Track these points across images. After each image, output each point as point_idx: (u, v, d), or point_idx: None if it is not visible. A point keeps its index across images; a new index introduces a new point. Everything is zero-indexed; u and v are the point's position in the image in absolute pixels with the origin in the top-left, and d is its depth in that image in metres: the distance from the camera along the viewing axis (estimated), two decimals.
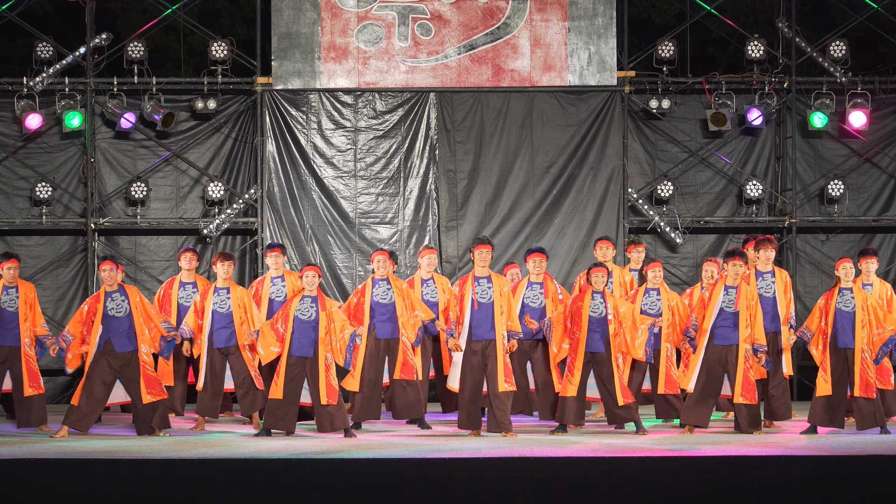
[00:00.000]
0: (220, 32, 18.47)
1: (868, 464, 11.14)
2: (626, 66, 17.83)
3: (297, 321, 13.20)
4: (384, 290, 14.15)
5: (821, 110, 17.84)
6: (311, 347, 13.19)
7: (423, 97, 17.73)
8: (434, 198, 17.71)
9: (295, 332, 13.20)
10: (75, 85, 17.65)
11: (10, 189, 17.86)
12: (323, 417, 13.20)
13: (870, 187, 18.34)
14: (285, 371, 13.19)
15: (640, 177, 18.12)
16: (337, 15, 17.61)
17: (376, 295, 14.12)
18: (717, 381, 13.51)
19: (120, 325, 13.36)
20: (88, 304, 13.53)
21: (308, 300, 13.29)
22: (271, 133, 17.63)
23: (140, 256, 17.76)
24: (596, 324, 13.53)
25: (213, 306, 14.12)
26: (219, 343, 14.09)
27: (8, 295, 13.97)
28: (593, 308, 13.55)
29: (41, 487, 10.56)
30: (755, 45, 17.89)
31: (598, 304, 13.57)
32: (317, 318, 13.21)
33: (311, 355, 13.18)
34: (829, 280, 18.13)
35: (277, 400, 13.20)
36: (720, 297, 13.49)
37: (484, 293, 13.38)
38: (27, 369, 13.88)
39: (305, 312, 13.23)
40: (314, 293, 13.32)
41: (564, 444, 12.54)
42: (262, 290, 14.63)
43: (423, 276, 14.89)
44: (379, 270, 14.21)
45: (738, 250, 13.67)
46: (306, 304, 13.27)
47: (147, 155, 17.96)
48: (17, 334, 13.94)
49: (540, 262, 14.37)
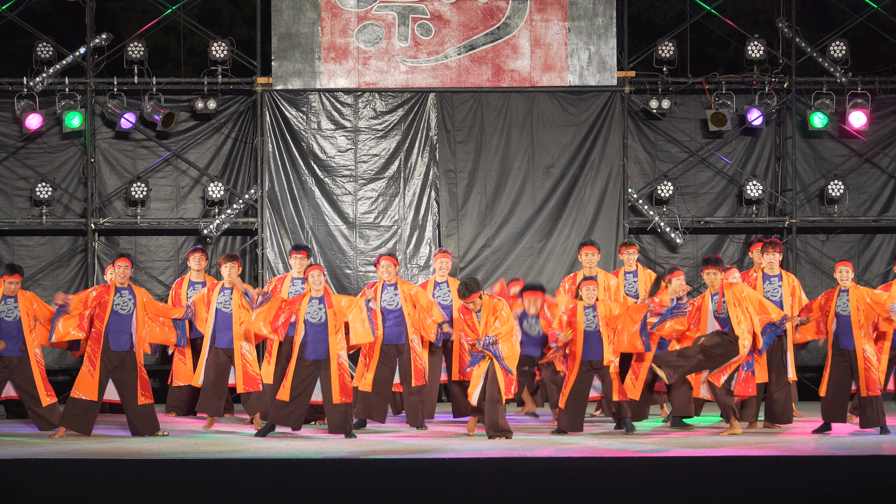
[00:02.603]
0: (220, 32, 18.47)
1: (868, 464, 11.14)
2: (626, 66, 17.83)
3: (309, 325, 13.17)
4: (391, 296, 14.14)
5: (821, 110, 17.83)
6: (325, 349, 13.17)
7: (423, 97, 17.73)
8: (434, 198, 17.71)
9: (308, 336, 13.17)
10: (75, 85, 17.65)
11: (10, 189, 17.85)
12: (335, 416, 13.17)
13: (870, 187, 18.33)
14: (294, 374, 13.15)
15: (640, 177, 18.12)
16: (337, 15, 17.61)
17: (384, 301, 14.10)
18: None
19: (122, 323, 13.36)
20: (98, 291, 13.48)
21: (316, 302, 13.24)
22: (271, 133, 17.62)
23: (140, 256, 17.75)
24: (591, 336, 13.62)
25: (218, 305, 14.13)
26: (221, 343, 14.09)
27: (6, 305, 13.87)
28: (587, 323, 13.67)
29: (41, 487, 10.56)
30: (755, 45, 17.88)
31: (591, 319, 13.66)
32: (327, 320, 13.19)
33: (324, 357, 13.17)
34: (829, 280, 18.11)
35: (283, 401, 13.19)
36: (708, 307, 13.61)
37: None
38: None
39: (315, 315, 13.21)
40: (321, 293, 13.28)
41: (564, 444, 12.55)
42: (282, 288, 14.60)
43: (438, 279, 14.87)
44: (385, 275, 14.17)
45: (712, 258, 13.81)
46: (315, 306, 13.23)
47: (147, 155, 17.95)
48: (19, 344, 13.87)
49: (536, 300, 14.29)
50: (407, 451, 11.99)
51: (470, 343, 13.53)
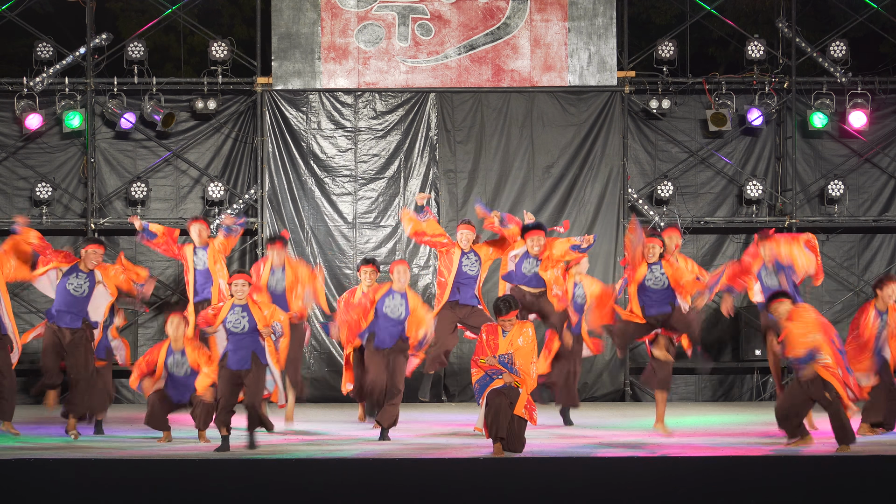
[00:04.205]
0: (220, 32, 18.47)
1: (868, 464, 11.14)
2: (626, 66, 17.84)
3: (231, 334, 12.15)
4: (397, 303, 13.01)
5: (821, 110, 17.84)
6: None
7: (423, 97, 17.74)
8: (434, 198, 17.72)
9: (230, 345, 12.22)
10: (75, 85, 17.66)
11: (10, 189, 17.87)
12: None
13: (870, 187, 18.34)
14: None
15: (640, 177, 18.13)
16: (337, 15, 17.62)
17: (387, 307, 12.95)
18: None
19: (76, 303, 13.04)
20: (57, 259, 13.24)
21: (238, 309, 12.13)
22: (271, 133, 17.63)
23: (140, 256, 17.75)
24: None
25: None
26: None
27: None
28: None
29: (41, 487, 10.56)
30: (755, 45, 17.89)
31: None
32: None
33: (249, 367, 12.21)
34: (828, 280, 18.14)
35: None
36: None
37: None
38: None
39: (238, 325, 12.11)
40: (244, 301, 12.15)
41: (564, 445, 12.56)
42: (261, 275, 14.02)
43: (464, 248, 13.75)
44: (398, 282, 13.06)
45: (781, 292, 12.67)
46: (237, 314, 12.12)
47: (147, 155, 17.97)
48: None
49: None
50: (407, 452, 11.99)
51: (481, 363, 12.04)
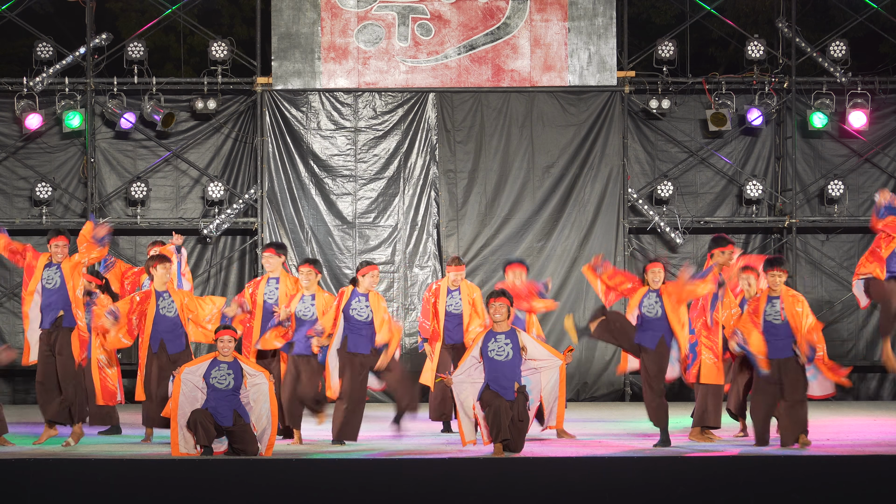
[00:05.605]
0: (220, 32, 18.48)
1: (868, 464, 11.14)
2: (626, 66, 17.84)
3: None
4: (362, 306, 12.76)
5: (821, 110, 17.84)
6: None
7: (422, 97, 17.74)
8: (434, 198, 17.72)
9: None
10: (75, 85, 17.66)
11: (10, 189, 17.86)
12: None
13: (870, 187, 18.32)
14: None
15: (640, 177, 18.13)
16: (337, 15, 17.62)
17: (353, 309, 12.65)
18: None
19: (50, 295, 12.83)
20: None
21: (224, 366, 11.84)
22: (271, 133, 17.63)
23: (140, 257, 17.73)
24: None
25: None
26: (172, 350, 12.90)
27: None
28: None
29: (41, 487, 10.56)
30: (755, 45, 17.89)
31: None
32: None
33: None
34: (828, 280, 18.17)
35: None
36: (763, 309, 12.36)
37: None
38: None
39: (223, 381, 11.80)
40: (229, 358, 11.86)
41: (564, 445, 12.55)
42: (258, 290, 14.11)
43: (451, 287, 14.02)
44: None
45: (777, 258, 12.64)
46: (222, 370, 11.82)
47: (147, 155, 17.97)
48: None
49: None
50: (407, 452, 11.99)
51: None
